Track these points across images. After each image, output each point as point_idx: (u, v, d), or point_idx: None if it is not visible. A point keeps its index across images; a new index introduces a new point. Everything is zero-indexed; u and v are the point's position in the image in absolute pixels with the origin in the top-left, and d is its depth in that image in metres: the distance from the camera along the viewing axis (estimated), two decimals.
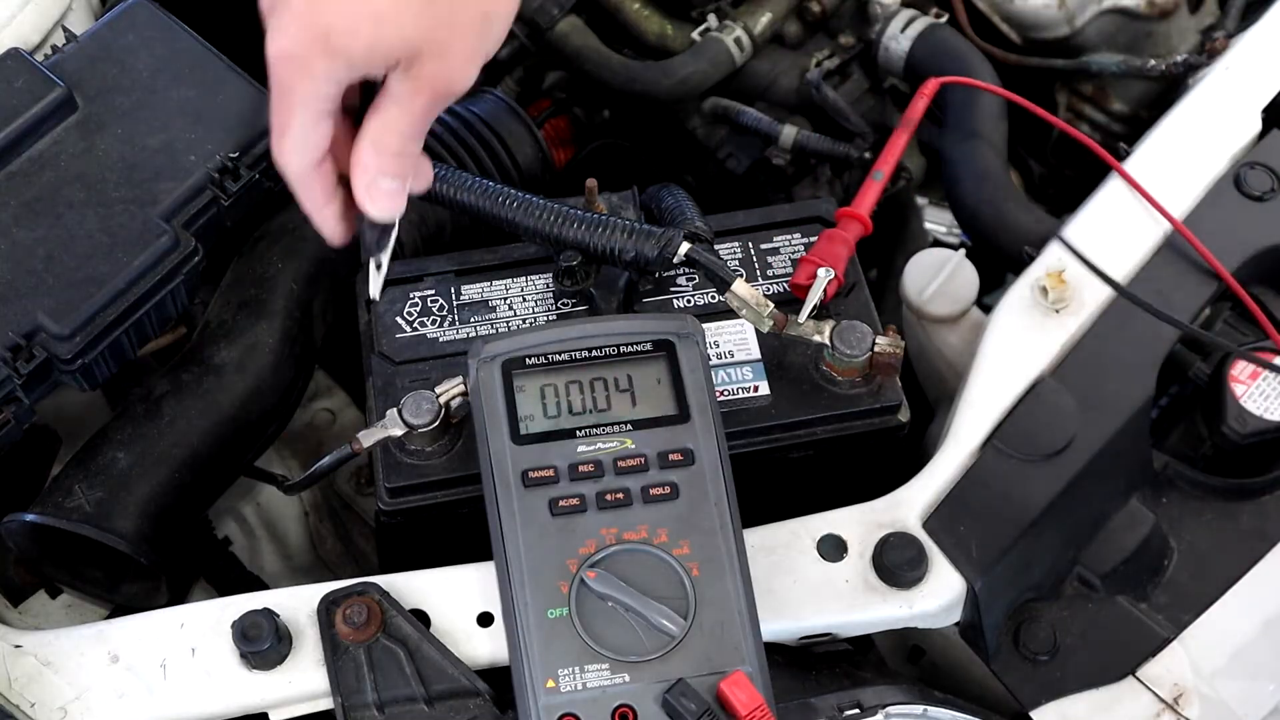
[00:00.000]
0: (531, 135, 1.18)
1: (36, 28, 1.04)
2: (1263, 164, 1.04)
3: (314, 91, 0.76)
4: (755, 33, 1.25)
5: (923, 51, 1.23)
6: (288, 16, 0.74)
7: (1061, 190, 1.36)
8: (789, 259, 1.00)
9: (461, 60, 0.76)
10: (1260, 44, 1.13)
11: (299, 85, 0.75)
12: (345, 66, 0.75)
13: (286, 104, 0.76)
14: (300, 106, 0.76)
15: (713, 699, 0.76)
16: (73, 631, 0.87)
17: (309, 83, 0.75)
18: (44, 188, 0.93)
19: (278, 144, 0.78)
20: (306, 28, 0.74)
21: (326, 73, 0.75)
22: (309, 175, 0.80)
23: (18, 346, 0.88)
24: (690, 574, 0.79)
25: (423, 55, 0.75)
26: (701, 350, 0.86)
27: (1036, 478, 0.91)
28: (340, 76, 0.75)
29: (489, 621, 0.86)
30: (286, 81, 0.76)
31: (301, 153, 0.78)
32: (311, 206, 0.81)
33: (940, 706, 0.87)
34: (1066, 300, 0.98)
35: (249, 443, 1.01)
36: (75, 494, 0.92)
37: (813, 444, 0.93)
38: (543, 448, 0.82)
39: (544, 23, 1.25)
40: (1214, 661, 0.89)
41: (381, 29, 0.74)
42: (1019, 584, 0.91)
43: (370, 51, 0.74)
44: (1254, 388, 0.97)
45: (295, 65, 0.75)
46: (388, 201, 0.80)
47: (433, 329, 0.97)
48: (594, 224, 0.93)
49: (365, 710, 0.82)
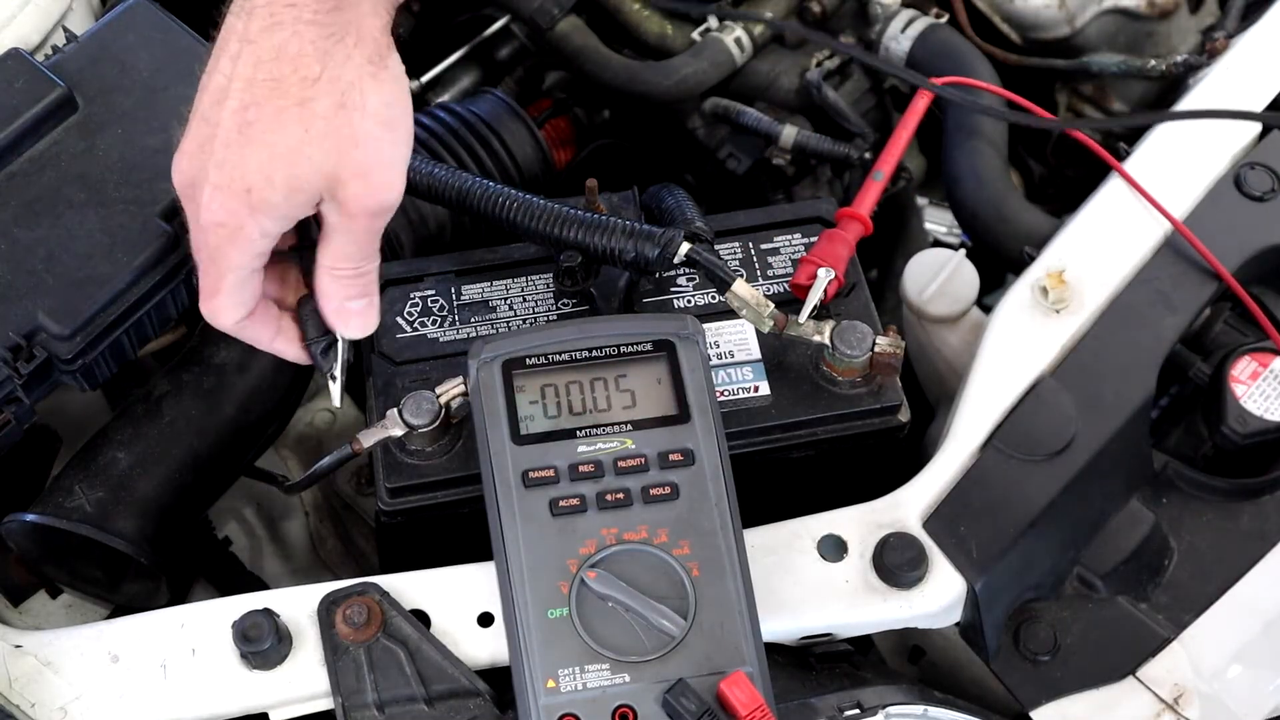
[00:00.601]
0: (531, 135, 1.18)
1: (36, 28, 1.04)
2: (1263, 164, 1.04)
3: (248, 252, 0.78)
4: (755, 33, 1.25)
5: (923, 52, 1.23)
6: (208, 189, 0.77)
7: (1061, 190, 1.36)
8: (789, 259, 1.00)
9: (382, 173, 0.78)
10: (1260, 44, 1.13)
11: (231, 251, 0.78)
12: (273, 219, 0.77)
13: (216, 269, 0.79)
14: (231, 271, 0.79)
15: (713, 699, 0.76)
16: (73, 631, 0.87)
17: (243, 245, 0.78)
18: (44, 188, 0.93)
19: (207, 304, 0.81)
20: (229, 194, 0.76)
21: (259, 230, 0.77)
22: (246, 325, 0.83)
23: (18, 346, 0.88)
24: (690, 574, 0.79)
25: (343, 180, 0.77)
26: (702, 350, 0.86)
27: (1036, 478, 0.91)
28: (271, 230, 0.78)
29: (489, 621, 0.86)
30: (218, 248, 0.78)
31: (235, 309, 0.82)
32: (261, 345, 0.85)
33: (940, 706, 0.87)
34: (1066, 300, 0.98)
35: (249, 443, 1.01)
36: (76, 494, 0.92)
37: (813, 444, 0.93)
38: (543, 448, 0.82)
39: (544, 23, 1.25)
40: (1214, 661, 0.89)
41: (296, 170, 0.76)
42: (1019, 584, 0.91)
43: (291, 195, 0.77)
44: (1254, 388, 0.97)
45: (226, 232, 0.77)
46: (360, 320, 0.84)
47: (433, 329, 0.97)
48: (594, 224, 0.93)
49: (365, 710, 0.82)
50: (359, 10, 0.77)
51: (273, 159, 0.76)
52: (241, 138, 0.76)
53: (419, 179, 0.98)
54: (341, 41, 0.76)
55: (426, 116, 1.15)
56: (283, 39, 0.76)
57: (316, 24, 0.76)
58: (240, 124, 0.76)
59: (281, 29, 0.76)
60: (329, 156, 0.76)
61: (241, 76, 0.77)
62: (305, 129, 0.76)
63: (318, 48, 0.76)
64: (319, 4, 0.76)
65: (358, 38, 0.77)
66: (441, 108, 1.18)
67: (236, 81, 0.77)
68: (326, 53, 0.76)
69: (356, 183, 0.77)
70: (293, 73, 0.76)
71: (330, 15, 0.76)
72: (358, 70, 0.76)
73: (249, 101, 0.76)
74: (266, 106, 0.76)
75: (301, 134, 0.76)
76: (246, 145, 0.76)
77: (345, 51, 0.76)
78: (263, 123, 0.76)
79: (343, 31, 0.76)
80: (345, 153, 0.76)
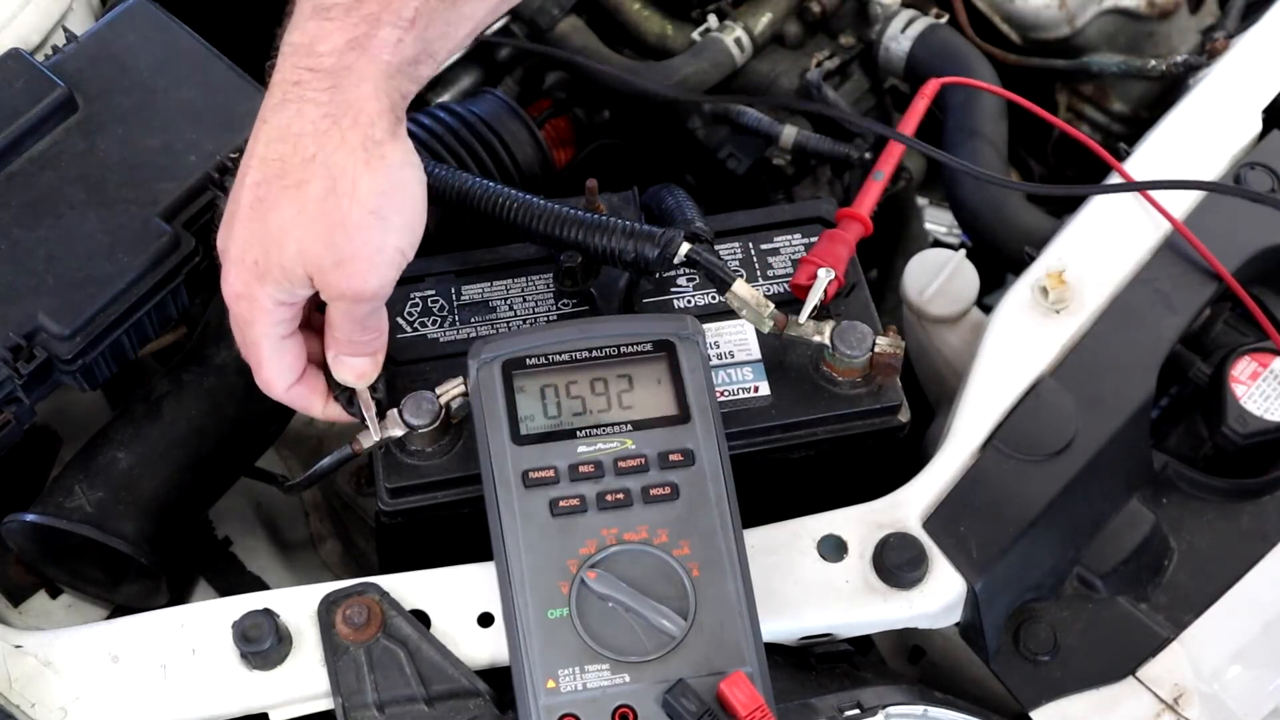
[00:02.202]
0: (531, 135, 1.18)
1: (36, 28, 1.04)
2: (1263, 164, 1.04)
3: (267, 320, 0.81)
4: (755, 33, 1.25)
5: (923, 52, 1.24)
6: (227, 263, 0.80)
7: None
8: (789, 259, 1.00)
9: (362, 263, 0.78)
10: (1260, 44, 1.13)
11: (253, 317, 0.81)
12: (277, 288, 0.79)
13: (252, 338, 0.82)
14: (262, 337, 0.82)
15: (713, 699, 0.76)
16: (73, 631, 0.87)
17: (260, 312, 0.80)
18: (44, 188, 0.93)
19: (259, 377, 0.85)
20: (241, 267, 0.79)
21: (269, 297, 0.79)
22: (296, 392, 0.86)
23: (18, 347, 0.88)
24: (690, 574, 0.79)
25: (324, 268, 0.77)
26: (702, 351, 0.86)
27: (1036, 478, 0.91)
28: (280, 297, 0.80)
29: (489, 622, 0.86)
30: (244, 317, 0.81)
31: (281, 376, 0.84)
32: (313, 412, 0.88)
33: (940, 706, 0.87)
34: (1066, 300, 0.98)
35: (249, 443, 1.01)
36: (76, 494, 0.92)
37: (813, 444, 0.93)
38: (543, 448, 0.82)
39: (544, 23, 1.25)
40: (1214, 661, 0.89)
41: (285, 251, 0.77)
42: (1019, 584, 0.91)
43: (285, 272, 0.78)
44: (1254, 388, 0.97)
45: (245, 301, 0.80)
46: (351, 372, 0.85)
47: (433, 329, 0.97)
48: (594, 224, 0.93)
49: (365, 710, 0.82)
50: (359, 92, 0.76)
51: (269, 235, 0.77)
52: (252, 213, 0.78)
53: None
54: (337, 124, 0.76)
55: (426, 116, 1.15)
56: (289, 118, 0.77)
57: (316, 103, 0.76)
58: (253, 200, 0.78)
59: (288, 106, 0.77)
60: (315, 241, 0.77)
61: (257, 154, 0.78)
62: (299, 210, 0.76)
63: (316, 128, 0.76)
64: (319, 82, 0.76)
65: (354, 120, 0.76)
66: (441, 108, 1.18)
67: (253, 159, 0.78)
68: (324, 134, 0.76)
69: (336, 270, 0.77)
70: (293, 153, 0.76)
71: (328, 94, 0.76)
72: (350, 155, 0.76)
73: (260, 179, 0.78)
74: (274, 185, 0.77)
75: (294, 215, 0.76)
76: (254, 221, 0.78)
77: (340, 134, 0.76)
78: (269, 200, 0.77)
79: (339, 113, 0.76)
80: (330, 238, 0.76)
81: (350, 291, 0.79)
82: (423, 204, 0.80)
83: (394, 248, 0.79)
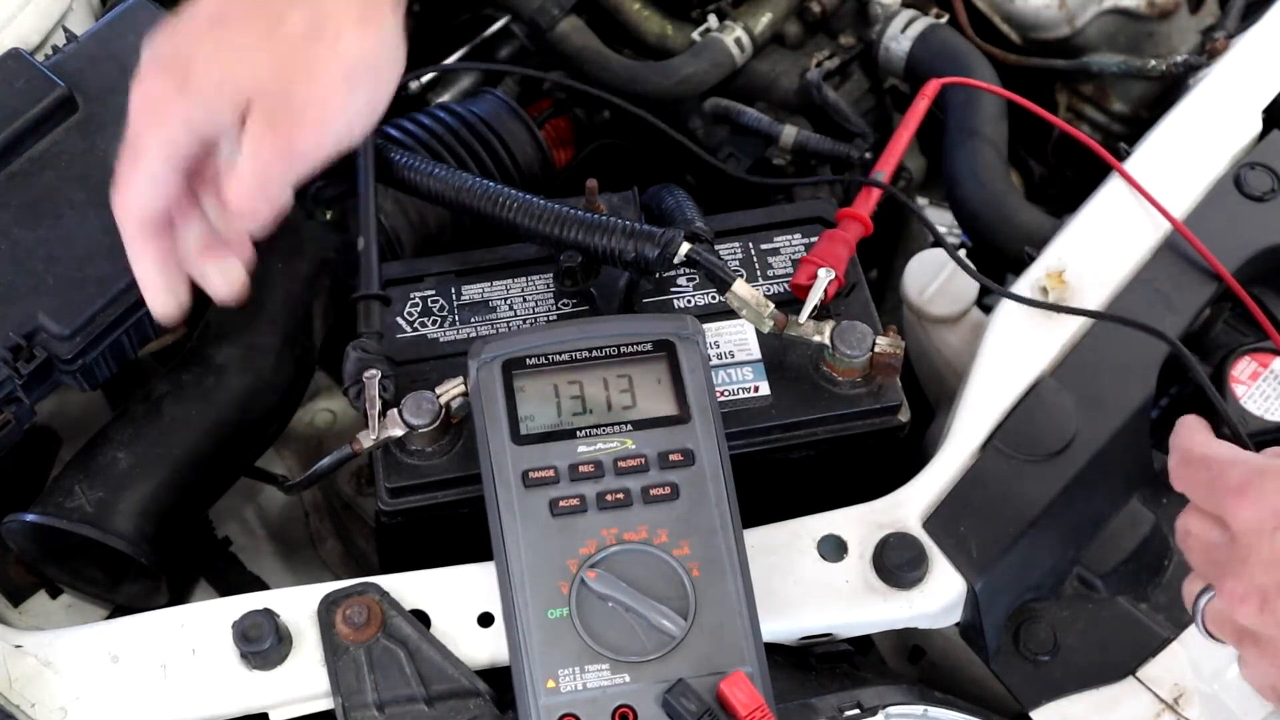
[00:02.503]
0: (531, 135, 1.18)
1: (36, 28, 1.04)
2: (1263, 164, 1.04)
3: (166, 136, 0.76)
4: (755, 33, 1.25)
5: (923, 52, 1.23)
6: (151, 63, 0.76)
7: (1061, 190, 1.36)
8: (789, 259, 1.00)
9: (315, 116, 0.74)
10: (1260, 44, 1.13)
11: (153, 129, 0.76)
12: (199, 106, 0.74)
13: (135, 149, 0.77)
14: (149, 152, 0.76)
15: (713, 699, 0.76)
16: (73, 631, 0.87)
17: (162, 127, 0.76)
18: (45, 188, 0.93)
19: (120, 191, 0.78)
20: (167, 73, 0.75)
21: (181, 113, 0.75)
22: (145, 231, 0.80)
23: (18, 347, 0.88)
24: (690, 574, 0.79)
25: (272, 97, 0.73)
26: (702, 351, 0.86)
27: (1036, 478, 0.91)
28: (194, 117, 0.75)
29: (489, 622, 0.86)
30: (141, 126, 0.77)
31: (142, 197, 0.78)
32: (141, 271, 0.82)
33: (940, 706, 0.87)
34: (1066, 300, 0.98)
35: (249, 443, 1.01)
36: (76, 494, 0.92)
37: (813, 444, 0.93)
38: (543, 448, 0.82)
39: (544, 23, 1.25)
40: (1214, 661, 0.89)
41: (237, 65, 0.74)
42: (1019, 584, 0.91)
43: (220, 87, 0.74)
44: (1254, 388, 0.97)
45: (151, 107, 0.76)
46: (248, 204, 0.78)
47: (433, 329, 0.97)
48: (594, 224, 0.93)
49: (365, 710, 0.82)
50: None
51: (218, 50, 0.73)
52: (207, 27, 0.75)
53: (419, 179, 0.98)
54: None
55: (426, 116, 1.15)
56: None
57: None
58: (213, 15, 0.75)
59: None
60: (271, 75, 0.73)
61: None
62: (264, 38, 0.73)
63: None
64: None
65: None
66: (441, 108, 1.18)
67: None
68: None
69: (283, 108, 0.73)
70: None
71: None
72: (346, 8, 0.73)
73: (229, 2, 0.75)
74: (241, 8, 0.74)
75: (256, 41, 0.73)
76: (206, 34, 0.74)
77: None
78: (232, 20, 0.74)
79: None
80: (289, 76, 0.73)
81: (286, 134, 0.74)
82: (389, 95, 0.76)
83: (346, 123, 0.75)
